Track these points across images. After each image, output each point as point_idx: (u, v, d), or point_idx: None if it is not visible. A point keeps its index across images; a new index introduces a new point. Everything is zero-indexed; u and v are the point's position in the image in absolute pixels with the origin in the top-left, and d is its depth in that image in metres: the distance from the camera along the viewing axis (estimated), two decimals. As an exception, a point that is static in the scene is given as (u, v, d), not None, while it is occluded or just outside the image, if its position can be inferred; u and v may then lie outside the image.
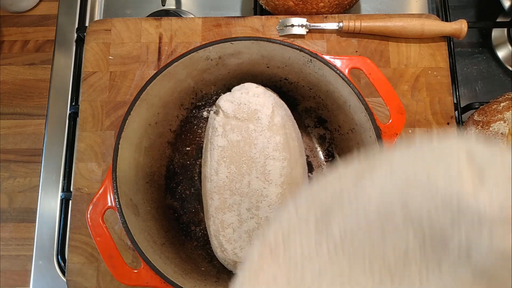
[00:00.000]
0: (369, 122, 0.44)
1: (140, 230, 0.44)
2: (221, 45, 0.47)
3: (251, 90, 0.49)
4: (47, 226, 0.60)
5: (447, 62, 0.58)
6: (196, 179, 0.55)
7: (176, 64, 0.47)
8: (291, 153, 0.47)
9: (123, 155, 0.45)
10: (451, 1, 0.67)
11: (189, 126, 0.56)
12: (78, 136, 0.56)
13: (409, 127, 0.56)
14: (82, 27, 0.66)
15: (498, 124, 0.51)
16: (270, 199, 0.46)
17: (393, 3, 0.70)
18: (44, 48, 0.77)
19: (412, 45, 0.58)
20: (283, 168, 0.46)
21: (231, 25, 0.59)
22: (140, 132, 0.48)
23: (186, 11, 0.71)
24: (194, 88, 0.53)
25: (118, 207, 0.42)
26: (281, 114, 0.49)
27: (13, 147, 0.74)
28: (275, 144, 0.47)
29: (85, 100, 0.57)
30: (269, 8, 0.62)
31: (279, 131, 0.47)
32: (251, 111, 0.48)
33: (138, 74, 0.57)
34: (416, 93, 0.57)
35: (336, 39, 0.58)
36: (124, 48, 0.58)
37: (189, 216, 0.54)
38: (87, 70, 0.58)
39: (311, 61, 0.47)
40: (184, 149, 0.56)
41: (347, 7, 0.61)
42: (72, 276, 0.52)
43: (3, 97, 0.76)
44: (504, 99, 0.54)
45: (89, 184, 0.54)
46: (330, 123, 0.55)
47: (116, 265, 0.41)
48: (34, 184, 0.73)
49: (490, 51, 0.68)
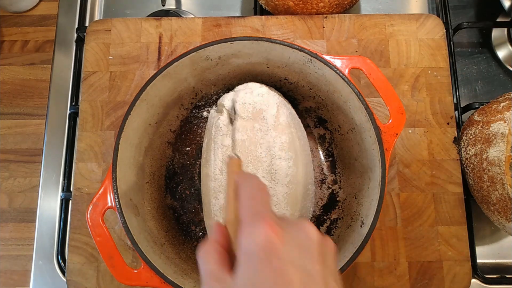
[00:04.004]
0: (369, 122, 0.44)
1: (140, 230, 0.44)
2: (221, 45, 0.47)
3: (255, 89, 0.49)
4: (47, 226, 0.60)
5: (447, 62, 0.58)
6: (196, 179, 0.55)
7: (176, 64, 0.47)
8: (297, 152, 0.47)
9: (123, 155, 0.45)
10: (451, 1, 0.67)
11: (189, 126, 0.56)
12: (78, 136, 0.56)
13: (409, 127, 0.56)
14: (82, 27, 0.66)
15: (498, 124, 0.51)
16: (276, 199, 0.46)
17: (393, 3, 0.70)
18: (44, 48, 0.77)
19: (412, 45, 0.58)
20: (289, 167, 0.46)
21: (231, 25, 0.59)
22: (140, 132, 0.48)
23: (186, 11, 0.71)
24: (194, 88, 0.53)
25: (118, 207, 0.42)
26: (286, 113, 0.49)
27: (13, 147, 0.74)
28: (280, 144, 0.47)
29: (85, 100, 0.57)
30: (269, 8, 0.62)
31: (284, 130, 0.47)
32: (256, 111, 0.48)
33: (138, 74, 0.57)
34: (416, 93, 0.57)
35: (336, 39, 0.58)
36: (124, 48, 0.58)
37: (189, 216, 0.54)
38: (87, 70, 0.58)
39: (311, 61, 0.47)
40: (184, 149, 0.56)
41: (347, 7, 0.61)
42: (72, 276, 0.52)
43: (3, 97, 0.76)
44: (504, 99, 0.54)
45: (89, 184, 0.54)
46: (330, 123, 0.55)
47: (116, 265, 0.41)
48: (34, 184, 0.73)
49: (490, 51, 0.68)
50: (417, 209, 0.53)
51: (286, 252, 0.26)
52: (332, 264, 0.29)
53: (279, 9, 0.60)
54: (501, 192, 0.49)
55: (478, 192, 0.52)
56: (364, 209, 0.45)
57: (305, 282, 0.25)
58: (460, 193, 0.54)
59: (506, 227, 0.50)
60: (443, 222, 0.53)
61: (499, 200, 0.49)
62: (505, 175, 0.48)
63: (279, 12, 0.61)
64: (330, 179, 0.55)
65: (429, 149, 0.55)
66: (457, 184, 0.54)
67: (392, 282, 0.51)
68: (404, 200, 0.53)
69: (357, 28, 0.58)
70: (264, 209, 0.28)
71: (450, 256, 0.52)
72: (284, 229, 0.27)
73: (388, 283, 0.51)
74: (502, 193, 0.49)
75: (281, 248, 0.26)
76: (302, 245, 0.27)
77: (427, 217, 0.53)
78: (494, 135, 0.50)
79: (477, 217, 0.58)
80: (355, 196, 0.49)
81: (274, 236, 0.26)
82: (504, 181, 0.48)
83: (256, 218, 0.27)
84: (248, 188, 0.30)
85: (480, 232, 0.60)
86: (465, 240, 0.52)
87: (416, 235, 0.52)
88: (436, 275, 0.51)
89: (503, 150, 0.49)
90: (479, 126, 0.53)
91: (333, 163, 0.55)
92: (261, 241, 0.26)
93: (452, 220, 0.53)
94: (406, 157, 0.55)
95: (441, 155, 0.55)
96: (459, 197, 0.54)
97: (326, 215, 0.53)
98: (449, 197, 0.53)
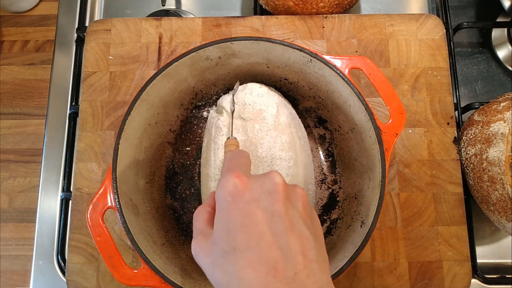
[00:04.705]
0: (369, 122, 0.44)
1: (140, 230, 0.44)
2: (221, 45, 0.47)
3: (255, 90, 0.49)
4: (47, 226, 0.60)
5: (447, 62, 0.58)
6: (196, 179, 0.55)
7: (176, 64, 0.47)
8: (297, 152, 0.47)
9: (123, 155, 0.45)
10: (451, 1, 0.67)
11: (189, 126, 0.56)
12: (78, 136, 0.56)
13: (409, 127, 0.56)
14: (82, 27, 0.66)
15: (498, 124, 0.51)
16: None
17: (393, 3, 0.70)
18: (44, 48, 0.77)
19: (412, 45, 0.58)
20: (290, 167, 0.46)
21: (231, 25, 0.59)
22: (140, 132, 0.48)
23: (186, 11, 0.71)
24: (194, 88, 0.53)
25: (118, 207, 0.42)
26: (286, 113, 0.49)
27: (13, 147, 0.74)
28: (281, 144, 0.47)
29: (85, 100, 0.57)
30: (269, 8, 0.62)
31: (285, 130, 0.47)
32: (256, 111, 0.48)
33: (138, 74, 0.57)
34: (416, 93, 0.57)
35: (336, 39, 0.58)
36: (124, 48, 0.58)
37: (189, 216, 0.54)
38: (87, 70, 0.58)
39: (311, 61, 0.47)
40: (184, 149, 0.56)
41: (347, 7, 0.61)
42: (72, 276, 0.52)
43: (3, 97, 0.76)
44: (504, 99, 0.54)
45: (89, 184, 0.54)
46: (330, 123, 0.55)
47: (116, 265, 0.41)
48: (34, 184, 0.73)
49: (490, 51, 0.68)
50: (417, 209, 0.53)
51: (251, 195, 0.30)
52: (302, 207, 0.31)
53: (279, 9, 0.60)
54: (501, 192, 0.49)
55: (478, 192, 0.52)
56: (364, 209, 0.45)
57: (270, 220, 0.29)
58: (460, 193, 0.54)
59: (506, 227, 0.50)
60: (443, 222, 0.53)
61: (499, 200, 0.49)
62: (505, 175, 0.48)
63: (279, 12, 0.61)
64: (330, 179, 0.55)
65: (429, 149, 0.55)
66: (457, 184, 0.54)
67: (392, 282, 0.51)
68: (404, 200, 0.53)
69: (357, 28, 0.58)
70: (237, 166, 0.32)
71: (450, 256, 0.52)
72: (251, 178, 0.31)
73: (388, 283, 0.51)
74: (502, 193, 0.49)
75: (247, 192, 0.30)
76: (267, 190, 0.30)
77: (427, 217, 0.53)
78: (494, 135, 0.50)
79: (477, 217, 0.58)
80: (355, 196, 0.49)
81: (239, 183, 0.30)
82: (504, 181, 0.48)
83: (228, 172, 0.31)
84: (230, 154, 0.35)
85: (480, 232, 0.60)
86: (465, 240, 0.52)
87: (416, 235, 0.52)
88: (436, 275, 0.51)
89: (503, 150, 0.49)
90: (479, 126, 0.53)
91: (333, 163, 0.55)
92: (228, 188, 0.30)
93: (452, 220, 0.53)
94: (406, 157, 0.55)
95: (441, 155, 0.55)
96: (459, 197, 0.54)
97: (326, 215, 0.53)
98: (449, 197, 0.53)
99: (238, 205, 0.29)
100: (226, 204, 0.30)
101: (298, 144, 0.48)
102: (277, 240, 0.28)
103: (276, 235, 0.28)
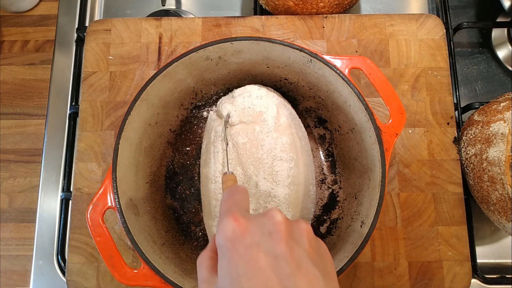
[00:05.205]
0: (369, 122, 0.44)
1: (140, 230, 0.44)
2: (221, 45, 0.47)
3: (254, 92, 0.49)
4: (47, 226, 0.60)
5: (447, 62, 0.58)
6: (196, 179, 0.55)
7: (176, 64, 0.47)
8: (298, 153, 0.47)
9: (123, 155, 0.45)
10: (451, 1, 0.67)
11: (189, 126, 0.56)
12: (78, 136, 0.56)
13: (409, 127, 0.56)
14: (82, 27, 0.66)
15: (498, 124, 0.51)
16: (278, 200, 0.46)
17: (393, 3, 0.70)
18: (44, 48, 0.77)
19: (412, 45, 0.58)
20: (290, 168, 0.46)
21: (231, 25, 0.59)
22: (140, 132, 0.48)
23: (186, 11, 0.71)
24: (194, 88, 0.53)
25: (118, 207, 0.42)
26: (286, 114, 0.49)
27: (13, 147, 0.74)
28: (282, 145, 0.47)
29: (85, 100, 0.57)
30: (269, 8, 0.62)
31: (285, 131, 0.47)
32: (256, 114, 0.48)
33: (138, 74, 0.57)
34: (416, 93, 0.57)
35: (336, 39, 0.58)
36: (124, 48, 0.58)
37: (189, 216, 0.54)
38: (87, 70, 0.58)
39: (311, 61, 0.47)
40: (184, 149, 0.56)
41: (347, 7, 0.61)
42: (72, 276, 0.52)
43: (3, 97, 0.76)
44: (504, 99, 0.54)
45: (89, 184, 0.54)
46: (330, 123, 0.55)
47: (116, 265, 0.41)
48: (34, 184, 0.73)
49: (490, 51, 0.68)
50: (417, 209, 0.53)
51: (251, 238, 0.28)
52: (307, 244, 0.29)
53: (279, 9, 0.60)
54: (501, 192, 0.49)
55: (478, 192, 0.52)
56: (364, 209, 0.45)
57: (274, 263, 0.27)
58: (460, 193, 0.54)
59: (506, 227, 0.50)
60: (443, 222, 0.53)
61: (499, 200, 0.49)
62: (505, 175, 0.48)
63: (279, 12, 0.61)
64: (330, 179, 0.55)
65: (429, 149, 0.55)
66: (457, 184, 0.54)
67: (392, 282, 0.51)
68: (404, 200, 0.53)
69: (357, 28, 0.58)
70: (234, 207, 0.31)
71: (450, 256, 0.52)
72: (249, 219, 0.29)
73: (388, 283, 0.51)
74: (502, 193, 0.49)
75: (246, 236, 0.28)
76: (268, 230, 0.28)
77: (427, 217, 0.53)
78: (494, 135, 0.50)
79: (477, 217, 0.58)
80: (355, 196, 0.49)
81: (237, 227, 0.28)
82: (504, 181, 0.48)
83: (226, 215, 0.29)
84: (226, 193, 0.34)
85: (480, 232, 0.60)
86: (465, 240, 0.52)
87: (416, 235, 0.52)
88: (436, 275, 0.51)
89: (503, 150, 0.49)
90: (479, 126, 0.53)
91: (333, 163, 0.55)
92: (226, 233, 0.28)
93: (452, 220, 0.53)
94: (406, 157, 0.55)
95: (441, 155, 0.55)
96: (459, 197, 0.54)
97: (326, 215, 0.53)
98: (449, 197, 0.53)
99: (238, 250, 0.27)
100: (227, 251, 0.28)
101: (298, 144, 0.48)
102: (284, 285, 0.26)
103: (283, 279, 0.26)
